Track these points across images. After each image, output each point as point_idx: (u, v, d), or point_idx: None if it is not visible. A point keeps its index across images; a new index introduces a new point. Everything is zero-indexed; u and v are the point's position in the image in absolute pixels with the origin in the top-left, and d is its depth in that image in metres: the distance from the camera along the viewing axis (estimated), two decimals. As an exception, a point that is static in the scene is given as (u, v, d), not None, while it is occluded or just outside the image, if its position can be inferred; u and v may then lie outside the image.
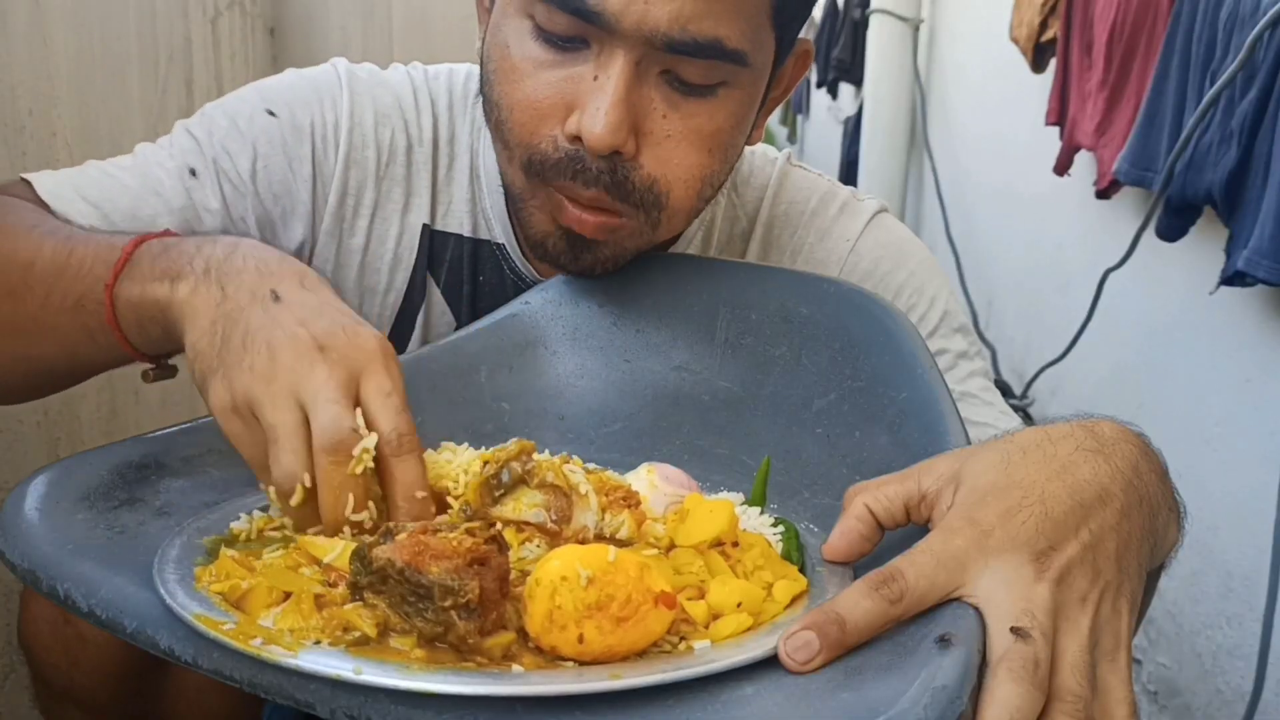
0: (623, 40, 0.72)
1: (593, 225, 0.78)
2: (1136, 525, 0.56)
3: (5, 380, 0.77)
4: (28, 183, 0.82)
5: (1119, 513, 0.56)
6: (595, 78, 0.74)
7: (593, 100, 0.74)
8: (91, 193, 0.82)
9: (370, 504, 0.59)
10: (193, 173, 0.85)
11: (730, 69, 0.76)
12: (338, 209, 0.89)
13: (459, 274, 0.91)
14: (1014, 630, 0.50)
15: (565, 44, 0.75)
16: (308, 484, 0.58)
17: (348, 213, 0.90)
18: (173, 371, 0.75)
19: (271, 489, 0.59)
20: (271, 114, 0.88)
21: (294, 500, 0.58)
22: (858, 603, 0.52)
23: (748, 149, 0.95)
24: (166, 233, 0.73)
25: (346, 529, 0.59)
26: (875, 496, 0.60)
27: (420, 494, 0.60)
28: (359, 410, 0.60)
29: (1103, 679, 0.53)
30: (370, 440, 0.59)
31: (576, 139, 0.75)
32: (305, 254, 0.89)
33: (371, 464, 0.59)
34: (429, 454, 0.66)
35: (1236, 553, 1.64)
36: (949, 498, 0.57)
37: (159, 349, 0.72)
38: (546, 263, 0.84)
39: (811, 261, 0.93)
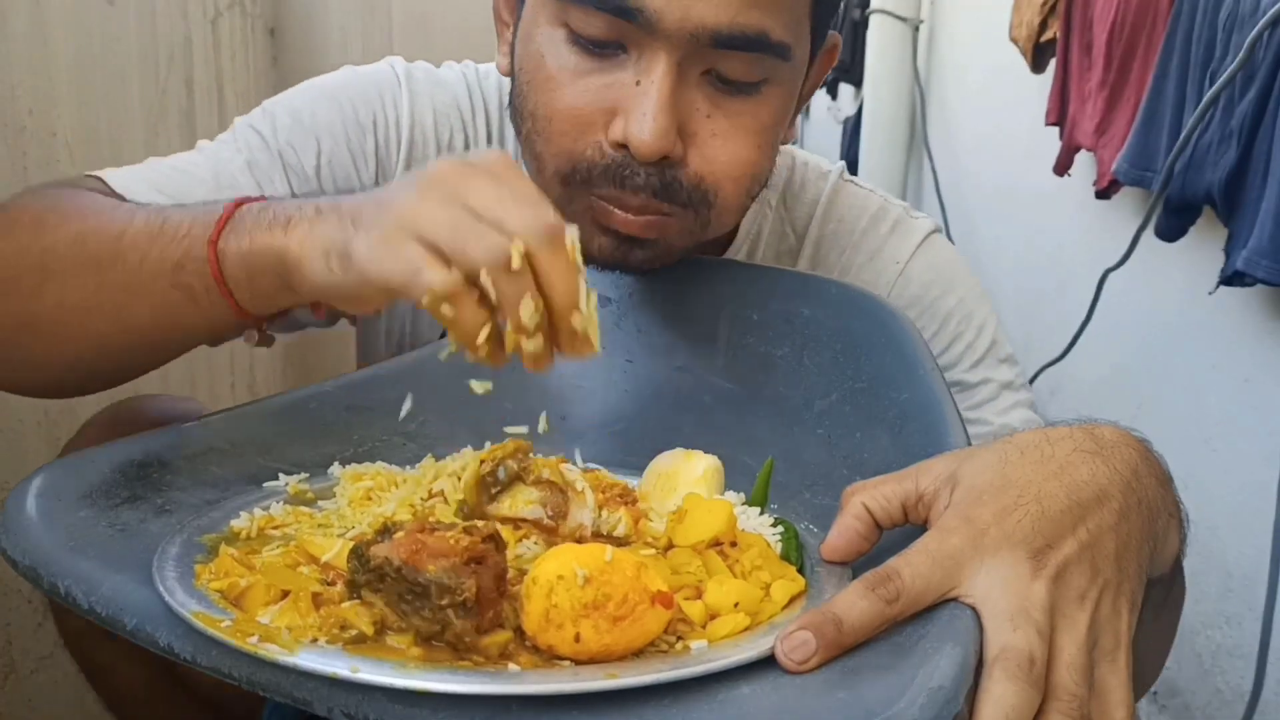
0: (664, 40, 0.71)
1: (640, 225, 0.76)
2: (1135, 527, 0.56)
3: (97, 360, 0.73)
4: (98, 179, 0.81)
5: (1117, 513, 0.55)
6: (637, 83, 0.73)
7: (637, 106, 0.72)
8: (167, 186, 0.81)
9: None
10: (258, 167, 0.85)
11: (773, 64, 0.75)
12: None
13: None
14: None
15: (602, 50, 0.74)
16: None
17: None
18: (271, 340, 0.72)
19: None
20: (335, 106, 0.88)
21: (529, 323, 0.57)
22: (854, 603, 0.52)
23: (801, 159, 0.95)
24: (264, 197, 0.69)
25: None
26: (873, 496, 0.60)
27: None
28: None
29: (1102, 679, 0.53)
30: (574, 231, 0.59)
31: (621, 146, 0.74)
32: None
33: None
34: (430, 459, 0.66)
35: (1236, 553, 1.64)
36: (946, 497, 0.57)
37: (268, 305, 0.67)
38: (590, 266, 0.82)
39: (859, 282, 0.91)
